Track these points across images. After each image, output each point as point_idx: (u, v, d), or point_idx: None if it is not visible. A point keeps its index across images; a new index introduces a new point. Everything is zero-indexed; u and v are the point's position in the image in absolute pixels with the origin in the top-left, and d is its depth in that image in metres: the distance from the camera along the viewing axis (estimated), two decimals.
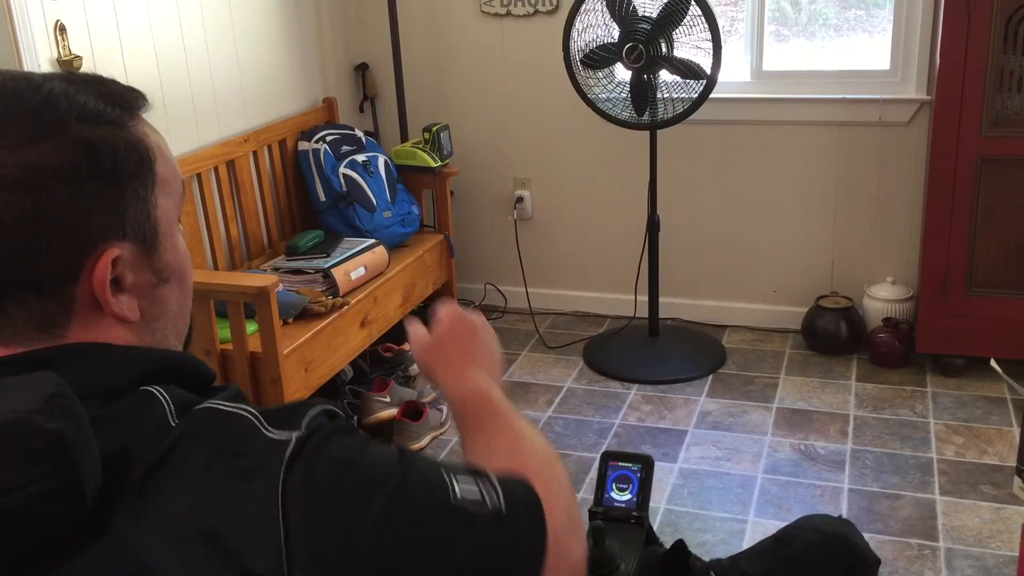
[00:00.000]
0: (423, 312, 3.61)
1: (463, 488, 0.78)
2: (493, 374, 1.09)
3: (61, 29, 2.50)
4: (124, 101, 0.83)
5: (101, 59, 2.62)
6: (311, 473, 0.73)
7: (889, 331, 3.31)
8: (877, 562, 2.04)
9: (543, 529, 0.81)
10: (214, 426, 0.76)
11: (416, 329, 1.15)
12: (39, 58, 2.43)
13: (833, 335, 3.43)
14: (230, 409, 0.77)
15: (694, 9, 2.96)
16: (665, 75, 3.10)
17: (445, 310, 1.15)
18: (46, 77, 0.80)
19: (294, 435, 0.75)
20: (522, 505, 0.81)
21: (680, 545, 1.59)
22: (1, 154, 0.74)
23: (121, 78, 0.85)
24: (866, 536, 2.40)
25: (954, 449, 2.81)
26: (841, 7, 3.55)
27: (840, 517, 2.12)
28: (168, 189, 0.85)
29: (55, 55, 2.49)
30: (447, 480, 0.78)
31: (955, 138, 2.96)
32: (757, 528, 2.44)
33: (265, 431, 0.76)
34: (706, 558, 2.00)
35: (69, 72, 0.84)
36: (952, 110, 2.94)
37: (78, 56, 2.54)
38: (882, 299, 3.41)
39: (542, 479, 0.86)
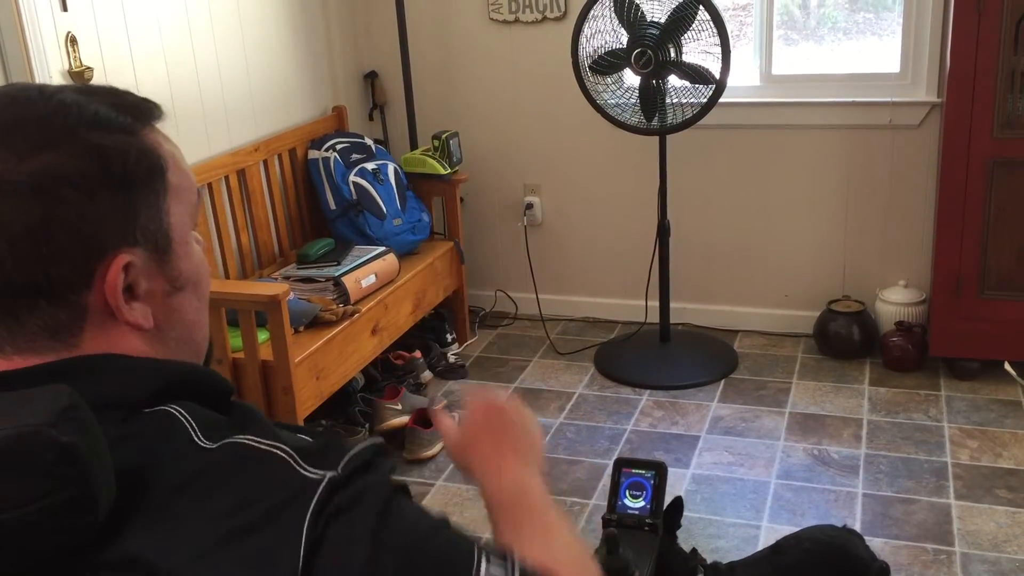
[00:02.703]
0: (435, 319, 3.61)
1: (490, 568, 0.76)
2: (532, 460, 1.02)
3: (72, 41, 2.51)
4: (137, 110, 0.83)
5: (112, 70, 2.64)
6: (337, 518, 0.72)
7: (902, 335, 3.30)
8: (883, 571, 2.03)
9: None
10: (246, 463, 0.75)
11: (446, 424, 1.08)
12: (51, 70, 2.45)
13: (846, 339, 3.42)
14: (264, 447, 0.76)
15: (702, 14, 2.96)
16: (674, 80, 3.10)
17: (475, 399, 1.08)
18: (59, 88, 0.80)
19: (328, 475, 0.74)
20: None
21: (676, 503, 1.74)
22: (11, 162, 0.74)
23: (132, 89, 0.85)
24: (880, 541, 2.39)
25: (969, 453, 2.79)
26: (850, 10, 3.55)
27: (844, 527, 2.11)
28: (181, 197, 0.84)
29: (66, 67, 2.50)
30: (475, 555, 0.76)
31: (966, 141, 2.95)
32: (771, 533, 2.43)
33: (299, 469, 0.75)
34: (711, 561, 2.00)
35: (85, 84, 0.84)
36: (963, 113, 2.93)
37: (89, 67, 2.55)
38: (894, 303, 3.39)
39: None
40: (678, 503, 1.79)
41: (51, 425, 0.67)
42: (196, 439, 0.76)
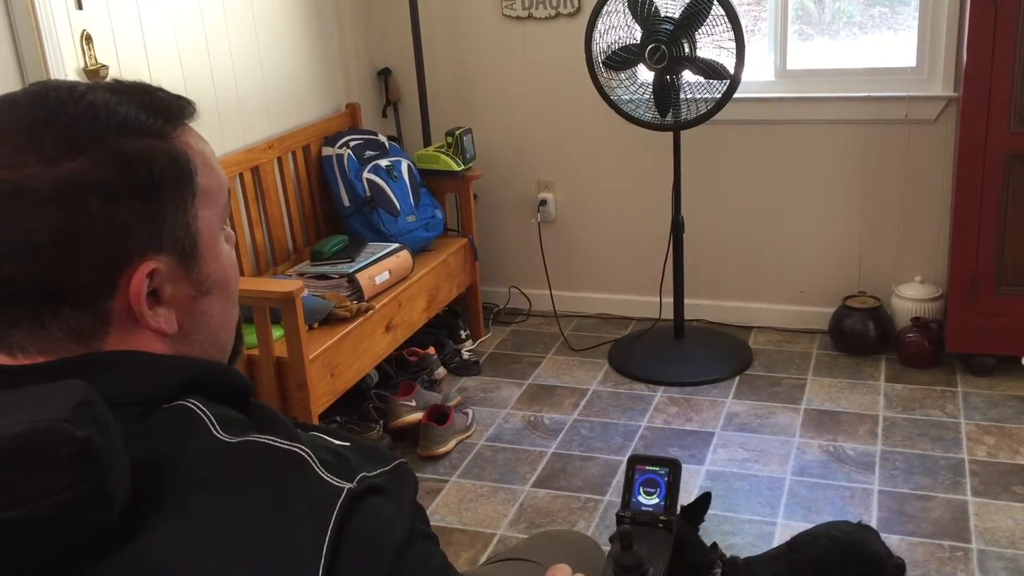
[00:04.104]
0: (449, 316, 3.61)
1: None
2: None
3: (87, 38, 2.52)
4: (168, 111, 0.82)
5: (127, 68, 2.65)
6: (351, 532, 0.73)
7: (918, 331, 3.28)
8: (899, 568, 2.02)
9: None
10: (267, 464, 0.75)
11: None
12: (66, 67, 2.46)
13: (861, 335, 3.40)
14: (285, 447, 0.76)
15: (717, 9, 2.94)
16: (688, 76, 3.09)
17: None
18: (90, 87, 0.79)
19: (346, 486, 0.74)
20: None
21: (704, 497, 1.82)
22: (37, 168, 0.74)
23: None
24: (896, 538, 2.38)
25: (986, 449, 2.78)
26: (865, 4, 3.52)
27: (859, 523, 2.10)
28: (210, 200, 0.83)
29: (82, 64, 2.51)
30: None
31: (983, 135, 2.93)
32: (786, 530, 2.42)
33: (320, 473, 0.75)
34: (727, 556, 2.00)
35: (117, 82, 0.83)
36: (979, 107, 2.91)
37: (104, 65, 2.56)
38: (910, 298, 3.38)
39: None
40: (706, 498, 1.83)
41: (67, 420, 0.67)
42: (216, 433, 0.76)
